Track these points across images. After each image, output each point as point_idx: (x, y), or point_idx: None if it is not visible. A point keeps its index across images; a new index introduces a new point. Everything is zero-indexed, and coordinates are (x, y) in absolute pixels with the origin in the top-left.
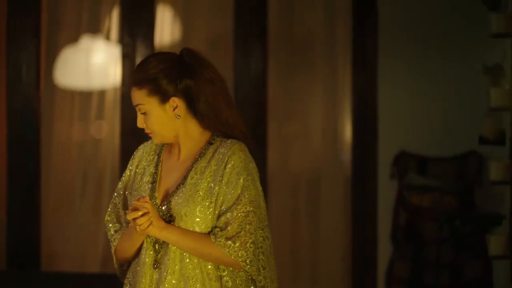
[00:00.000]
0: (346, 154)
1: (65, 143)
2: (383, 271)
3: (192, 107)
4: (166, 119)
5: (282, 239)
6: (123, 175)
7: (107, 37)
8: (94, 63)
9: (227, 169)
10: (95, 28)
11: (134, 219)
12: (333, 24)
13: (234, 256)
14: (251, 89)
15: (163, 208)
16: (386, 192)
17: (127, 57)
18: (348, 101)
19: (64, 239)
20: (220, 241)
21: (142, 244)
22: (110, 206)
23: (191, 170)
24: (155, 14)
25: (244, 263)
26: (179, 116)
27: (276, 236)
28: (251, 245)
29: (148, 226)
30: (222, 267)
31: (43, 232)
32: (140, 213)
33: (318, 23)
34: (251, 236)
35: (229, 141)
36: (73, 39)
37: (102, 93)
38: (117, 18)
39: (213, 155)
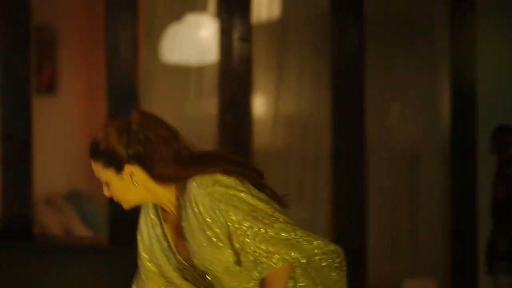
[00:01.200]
0: (445, 128)
1: (164, 119)
2: (483, 246)
3: (148, 171)
4: (126, 187)
5: (381, 215)
6: (138, 251)
7: (205, 12)
8: (192, 38)
9: (202, 212)
10: (193, 3)
11: None
12: None
13: (277, 265)
14: (348, 65)
15: (193, 266)
16: (486, 166)
17: (225, 32)
18: (447, 75)
19: None
20: (261, 272)
21: None
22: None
23: (183, 227)
24: None
25: (289, 257)
26: (136, 182)
27: (375, 212)
28: (278, 241)
29: None
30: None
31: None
32: None
33: None
34: (267, 241)
35: (187, 185)
36: (171, 14)
37: (200, 69)
38: None
39: (185, 205)
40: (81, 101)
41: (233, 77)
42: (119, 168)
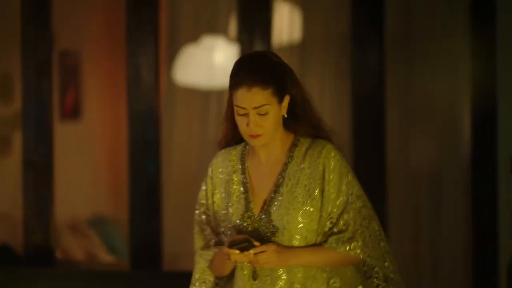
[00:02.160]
0: (466, 148)
1: (185, 142)
2: (504, 266)
3: (290, 109)
4: (279, 119)
5: (403, 235)
6: (201, 197)
7: (226, 36)
8: (213, 62)
9: (327, 171)
10: (213, 26)
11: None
12: (450, 16)
13: (361, 255)
14: (369, 87)
15: (264, 218)
16: (507, 186)
17: None
18: (468, 95)
19: (186, 238)
20: (345, 244)
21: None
22: (196, 231)
23: (284, 176)
24: (273, 12)
25: (369, 258)
26: (286, 115)
27: (396, 232)
28: (369, 238)
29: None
30: (327, 268)
31: (165, 232)
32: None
33: (435, 16)
34: (367, 230)
35: (319, 142)
36: (192, 38)
37: (221, 92)
38: (234, 16)
39: (304, 158)
40: (104, 126)
41: None
42: (282, 98)
